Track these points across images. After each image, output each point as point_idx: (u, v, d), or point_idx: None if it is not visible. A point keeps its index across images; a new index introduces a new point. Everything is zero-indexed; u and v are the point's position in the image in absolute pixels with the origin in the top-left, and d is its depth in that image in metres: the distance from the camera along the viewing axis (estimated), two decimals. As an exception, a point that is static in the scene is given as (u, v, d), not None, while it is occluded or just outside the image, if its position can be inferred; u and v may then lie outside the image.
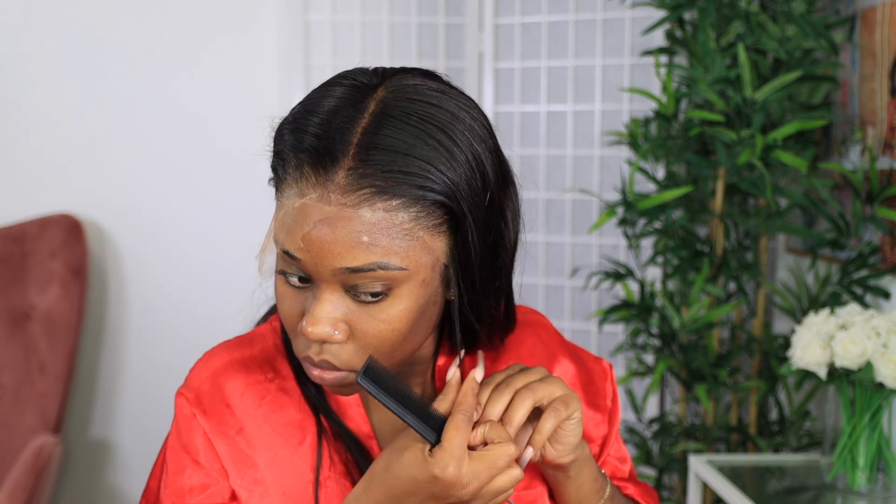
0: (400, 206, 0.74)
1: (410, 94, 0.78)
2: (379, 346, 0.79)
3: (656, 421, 2.26)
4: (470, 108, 0.80)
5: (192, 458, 0.86)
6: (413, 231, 0.75)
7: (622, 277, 2.16)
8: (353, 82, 0.79)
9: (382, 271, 0.75)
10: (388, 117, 0.75)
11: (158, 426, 2.81)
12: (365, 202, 0.74)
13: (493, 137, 0.82)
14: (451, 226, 0.78)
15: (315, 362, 0.80)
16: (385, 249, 0.74)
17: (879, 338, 1.65)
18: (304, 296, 0.79)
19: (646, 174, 2.11)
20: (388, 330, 0.78)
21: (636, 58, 2.42)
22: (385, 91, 0.78)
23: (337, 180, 0.74)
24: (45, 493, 2.23)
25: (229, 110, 2.63)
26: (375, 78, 0.80)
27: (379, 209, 0.74)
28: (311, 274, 0.77)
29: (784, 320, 2.32)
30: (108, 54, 2.61)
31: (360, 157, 0.74)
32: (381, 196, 0.74)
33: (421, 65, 2.65)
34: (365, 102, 0.76)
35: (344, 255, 0.74)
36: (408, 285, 0.77)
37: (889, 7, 1.88)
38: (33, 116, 2.62)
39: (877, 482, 1.73)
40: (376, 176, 0.73)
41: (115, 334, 2.70)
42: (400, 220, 0.74)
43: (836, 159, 2.09)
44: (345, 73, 0.81)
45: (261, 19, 2.62)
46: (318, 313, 0.77)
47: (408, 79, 0.80)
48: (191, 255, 2.67)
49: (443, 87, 0.81)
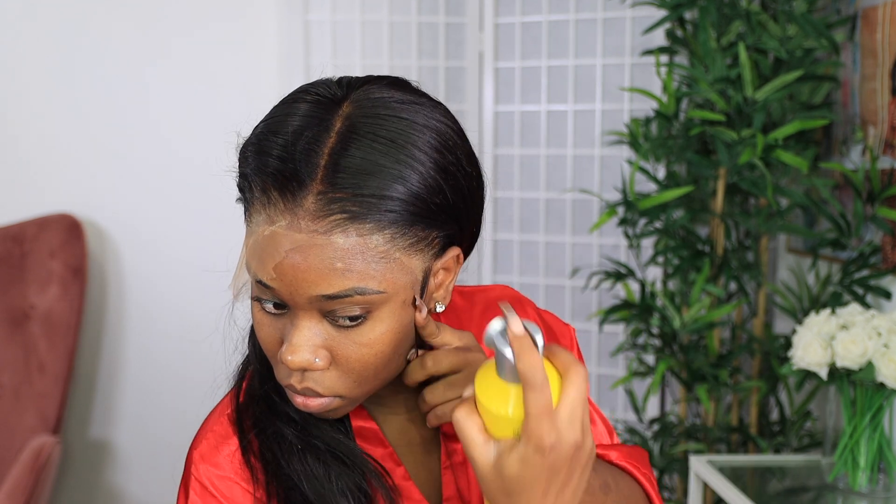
0: (374, 230, 0.72)
1: (378, 109, 0.74)
2: (362, 371, 0.77)
3: (657, 421, 2.26)
4: (440, 116, 0.77)
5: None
6: (389, 253, 0.73)
7: (623, 277, 2.16)
8: (316, 97, 0.75)
9: (360, 296, 0.73)
10: (355, 136, 0.72)
11: (158, 426, 2.82)
12: (337, 228, 0.71)
13: (465, 142, 0.79)
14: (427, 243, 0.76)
15: (298, 390, 0.77)
16: (361, 274, 0.72)
17: (880, 338, 1.65)
18: (281, 322, 0.77)
19: (646, 174, 2.10)
20: (370, 353, 0.76)
21: (637, 57, 2.42)
22: (351, 106, 0.74)
23: (306, 206, 0.71)
24: (45, 493, 2.23)
25: (229, 110, 2.63)
26: (340, 91, 0.76)
27: (352, 234, 0.71)
28: (287, 301, 0.74)
29: (785, 320, 2.32)
30: (108, 55, 2.61)
31: (328, 181, 0.71)
32: (354, 221, 0.71)
33: (421, 64, 2.67)
34: (330, 120, 0.73)
35: (318, 283, 0.72)
36: (387, 307, 0.75)
37: (890, 7, 1.88)
38: (33, 116, 2.62)
39: (878, 482, 1.73)
40: (347, 200, 0.71)
41: (115, 334, 2.70)
42: (374, 243, 0.72)
43: (837, 159, 2.08)
44: (308, 86, 0.77)
45: (261, 19, 2.62)
46: (296, 341, 0.75)
47: (374, 91, 0.76)
48: (190, 256, 2.66)
49: (409, 96, 0.77)
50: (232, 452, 0.84)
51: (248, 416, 0.86)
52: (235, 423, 0.85)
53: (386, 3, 2.58)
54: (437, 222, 0.75)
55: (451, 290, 0.82)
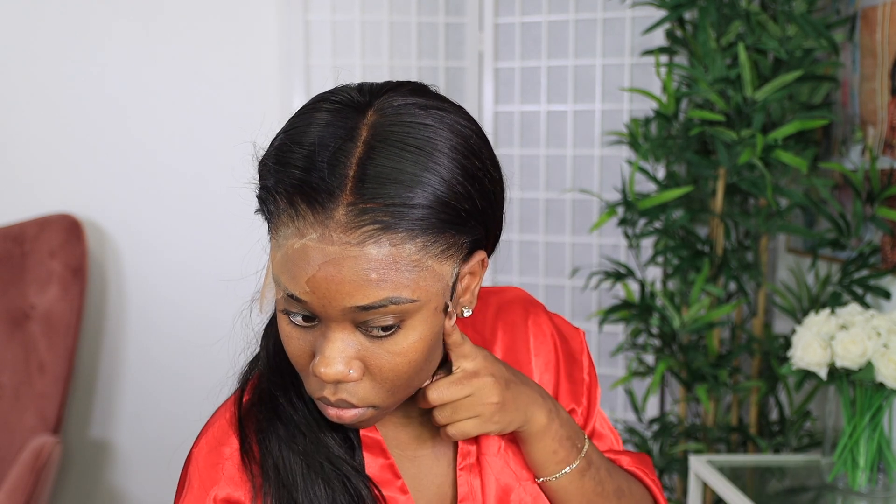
0: (406, 239, 0.71)
1: (402, 116, 0.73)
2: (396, 380, 0.76)
3: (656, 421, 2.26)
4: (463, 120, 0.77)
5: None
6: (421, 261, 0.72)
7: (622, 277, 2.16)
8: (337, 105, 0.74)
9: (394, 306, 0.72)
10: (382, 144, 0.71)
11: (158, 426, 2.81)
12: (369, 238, 0.70)
13: (487, 145, 0.79)
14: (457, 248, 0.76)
15: (332, 402, 0.77)
16: (395, 284, 0.72)
17: (880, 338, 1.65)
18: (311, 334, 0.76)
19: (646, 174, 2.10)
20: (404, 362, 0.76)
21: (636, 57, 2.42)
22: (375, 115, 0.73)
23: (337, 218, 0.70)
24: (45, 493, 2.23)
25: (230, 110, 2.63)
26: (362, 98, 0.75)
27: (385, 244, 0.71)
28: (319, 314, 0.74)
29: (784, 320, 2.32)
30: (108, 55, 2.61)
31: (358, 192, 0.70)
32: (386, 231, 0.70)
33: (421, 64, 2.67)
34: (355, 129, 0.72)
35: (353, 294, 0.71)
36: (420, 315, 0.75)
37: (889, 7, 1.88)
38: (33, 116, 2.62)
39: (877, 482, 1.73)
40: (378, 210, 0.70)
41: (115, 334, 2.70)
42: (407, 252, 0.71)
43: (837, 159, 2.08)
44: (327, 93, 0.76)
45: (261, 19, 2.62)
46: (330, 353, 0.74)
47: (397, 98, 0.75)
48: (190, 256, 2.67)
49: (432, 102, 0.76)
50: (231, 454, 0.84)
51: (251, 420, 0.85)
52: (237, 426, 0.85)
53: (386, 3, 2.58)
54: (466, 227, 0.75)
55: (477, 294, 0.82)
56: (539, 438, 0.88)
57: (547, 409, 0.88)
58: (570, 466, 0.90)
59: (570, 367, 0.98)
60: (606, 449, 1.01)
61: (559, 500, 0.92)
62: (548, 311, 1.00)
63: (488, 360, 0.85)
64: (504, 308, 0.97)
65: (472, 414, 0.83)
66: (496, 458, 0.90)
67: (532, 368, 0.96)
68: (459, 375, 0.83)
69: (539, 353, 0.96)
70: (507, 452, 0.91)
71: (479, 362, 0.84)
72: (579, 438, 0.92)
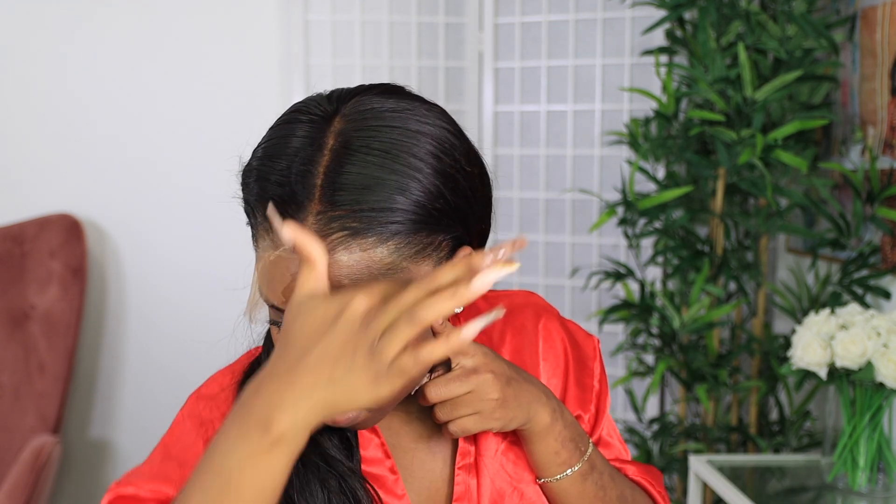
0: (376, 243, 0.72)
1: (369, 121, 0.74)
2: None
3: (656, 421, 2.26)
4: (435, 119, 0.77)
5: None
6: (395, 264, 0.73)
7: (622, 277, 2.16)
8: (309, 116, 0.75)
9: None
10: (349, 151, 0.72)
11: (158, 426, 2.81)
12: (339, 246, 0.71)
13: (463, 141, 0.79)
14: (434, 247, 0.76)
15: None
16: None
17: (880, 338, 1.65)
18: None
19: (646, 174, 2.10)
20: None
21: (636, 57, 2.42)
22: (342, 121, 0.74)
23: (307, 227, 0.71)
24: (45, 493, 2.23)
25: (229, 110, 2.63)
26: (330, 106, 0.76)
27: (355, 250, 0.71)
28: None
29: (784, 320, 2.32)
30: (108, 54, 2.61)
31: (326, 200, 0.71)
32: (356, 237, 0.71)
33: (421, 64, 2.67)
34: (323, 138, 0.73)
35: None
36: None
37: (889, 7, 1.88)
38: (33, 117, 2.62)
39: (877, 482, 1.73)
40: (346, 217, 0.71)
41: (115, 334, 2.70)
42: (379, 256, 0.72)
43: (837, 159, 2.08)
44: (300, 104, 0.78)
45: (261, 19, 2.62)
46: None
47: (364, 102, 0.76)
48: (190, 256, 2.67)
49: (402, 103, 0.76)
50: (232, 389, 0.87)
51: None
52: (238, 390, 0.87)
53: (386, 3, 2.58)
54: (442, 226, 0.75)
55: None
56: (542, 438, 0.88)
57: (551, 408, 0.88)
58: (571, 469, 0.90)
59: (579, 373, 0.98)
60: (613, 458, 1.00)
61: (560, 502, 0.92)
62: (561, 318, 1.00)
63: (488, 357, 0.85)
64: (514, 312, 0.97)
65: (473, 410, 0.83)
66: (493, 461, 0.90)
67: (540, 372, 0.96)
68: (458, 372, 0.83)
69: (547, 357, 0.96)
70: (506, 455, 0.91)
71: (478, 359, 0.84)
72: (583, 442, 0.91)
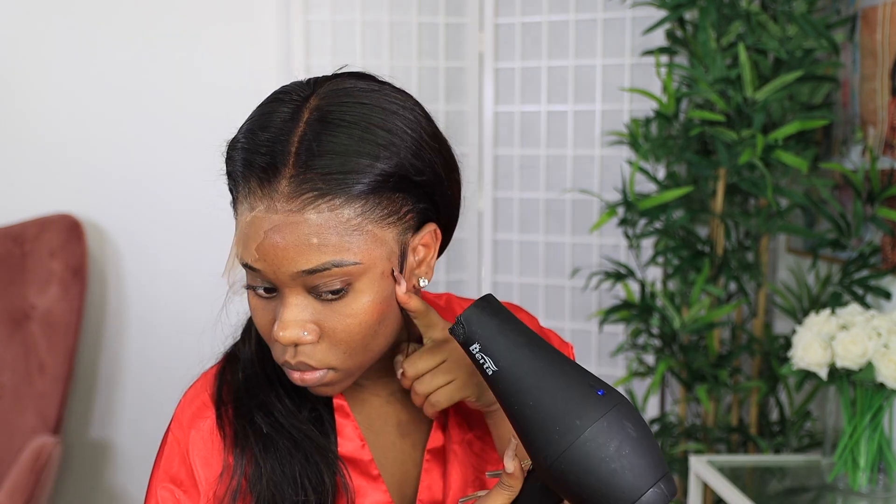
0: (344, 204, 0.77)
1: (342, 98, 0.81)
2: (350, 341, 0.82)
3: (657, 421, 2.26)
4: (404, 100, 0.83)
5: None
6: (361, 226, 0.78)
7: (622, 278, 2.16)
8: (289, 97, 0.82)
9: (338, 269, 0.78)
10: (323, 122, 0.79)
11: (158, 426, 2.80)
12: (309, 205, 0.77)
13: (430, 124, 0.85)
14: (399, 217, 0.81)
15: (293, 365, 0.83)
16: (336, 247, 0.78)
17: (880, 338, 1.65)
18: (273, 304, 0.82)
19: (646, 174, 2.10)
20: (355, 324, 0.81)
21: (636, 57, 2.42)
22: (317, 98, 0.81)
23: (281, 189, 0.77)
24: (45, 494, 2.23)
25: (230, 110, 2.62)
26: (308, 89, 0.82)
27: (324, 210, 0.77)
28: (273, 281, 0.80)
29: (785, 320, 2.32)
30: (108, 55, 2.61)
31: (299, 165, 0.77)
32: (324, 197, 0.77)
33: (421, 65, 2.67)
34: (300, 113, 0.80)
35: (297, 259, 0.77)
36: (366, 278, 0.80)
37: (890, 7, 1.88)
38: (33, 116, 2.62)
39: (878, 483, 1.73)
40: (317, 179, 0.77)
41: (115, 334, 2.70)
42: (346, 216, 0.78)
43: (837, 159, 2.08)
44: (281, 87, 0.84)
45: (261, 19, 2.62)
46: (285, 318, 0.80)
47: (338, 83, 0.83)
48: (190, 256, 2.66)
49: (374, 85, 0.84)
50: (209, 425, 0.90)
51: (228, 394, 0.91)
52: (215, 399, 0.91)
53: (386, 3, 2.58)
54: (408, 197, 0.81)
55: (433, 265, 0.87)
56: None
57: None
58: None
59: None
60: None
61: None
62: (540, 325, 1.02)
63: None
64: None
65: (448, 379, 0.87)
66: (461, 447, 0.92)
67: None
68: (430, 346, 0.88)
69: None
70: (473, 446, 0.93)
71: (447, 331, 0.88)
72: None
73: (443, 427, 0.93)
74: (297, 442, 0.88)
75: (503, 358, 0.73)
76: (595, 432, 0.67)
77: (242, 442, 0.88)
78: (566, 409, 0.69)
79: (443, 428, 0.93)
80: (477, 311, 0.75)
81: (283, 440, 0.88)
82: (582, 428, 0.68)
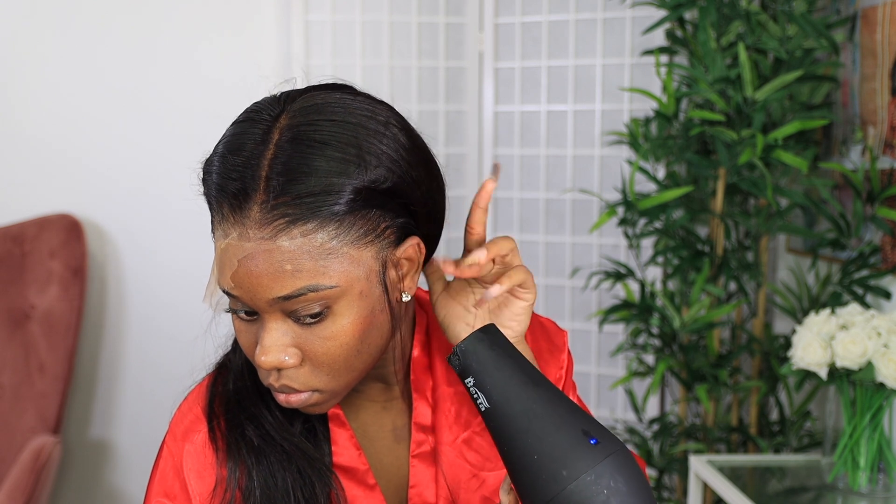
0: (317, 228, 0.76)
1: (311, 116, 0.78)
2: (332, 363, 0.81)
3: (657, 421, 2.26)
4: (378, 112, 0.81)
5: None
6: (336, 249, 0.77)
7: (622, 277, 2.16)
8: (260, 116, 0.80)
9: (314, 293, 0.77)
10: (294, 142, 0.76)
11: (158, 426, 2.80)
12: (281, 232, 0.75)
13: (408, 135, 0.82)
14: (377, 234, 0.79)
15: (277, 388, 0.82)
16: (311, 272, 0.76)
17: (880, 338, 1.65)
18: (255, 327, 0.81)
19: (646, 174, 2.10)
20: (335, 346, 0.80)
21: (636, 57, 2.42)
22: (287, 118, 0.79)
23: (252, 216, 0.76)
24: (45, 494, 2.23)
25: (229, 110, 2.62)
26: (278, 106, 0.80)
27: (296, 236, 0.76)
28: (251, 307, 0.79)
29: (785, 320, 2.32)
30: (108, 55, 2.61)
31: (269, 190, 0.75)
32: (296, 223, 0.75)
33: (421, 64, 2.67)
34: (269, 134, 0.78)
35: (272, 287, 0.76)
36: (345, 300, 0.79)
37: (890, 7, 1.88)
38: (33, 116, 2.62)
39: (878, 482, 1.73)
40: (288, 204, 0.75)
41: (115, 334, 2.70)
42: (319, 241, 0.76)
43: (837, 159, 2.08)
44: (253, 105, 0.83)
45: (260, 19, 2.62)
46: (266, 343, 0.79)
47: (309, 99, 0.80)
48: (190, 256, 2.66)
49: (347, 97, 0.81)
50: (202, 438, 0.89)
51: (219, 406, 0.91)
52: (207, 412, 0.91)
53: (386, 3, 2.58)
54: (384, 212, 0.79)
55: (417, 280, 0.85)
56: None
57: None
58: None
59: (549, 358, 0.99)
60: None
61: None
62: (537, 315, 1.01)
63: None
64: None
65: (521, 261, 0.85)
66: (451, 449, 0.92)
67: None
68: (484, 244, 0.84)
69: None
70: (468, 444, 0.93)
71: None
72: None
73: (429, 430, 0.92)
74: (288, 454, 0.87)
75: (496, 395, 0.71)
76: (581, 485, 0.65)
77: (235, 454, 0.87)
78: (554, 456, 0.67)
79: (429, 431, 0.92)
80: (474, 343, 0.73)
81: (275, 453, 0.87)
82: (568, 479, 0.66)
